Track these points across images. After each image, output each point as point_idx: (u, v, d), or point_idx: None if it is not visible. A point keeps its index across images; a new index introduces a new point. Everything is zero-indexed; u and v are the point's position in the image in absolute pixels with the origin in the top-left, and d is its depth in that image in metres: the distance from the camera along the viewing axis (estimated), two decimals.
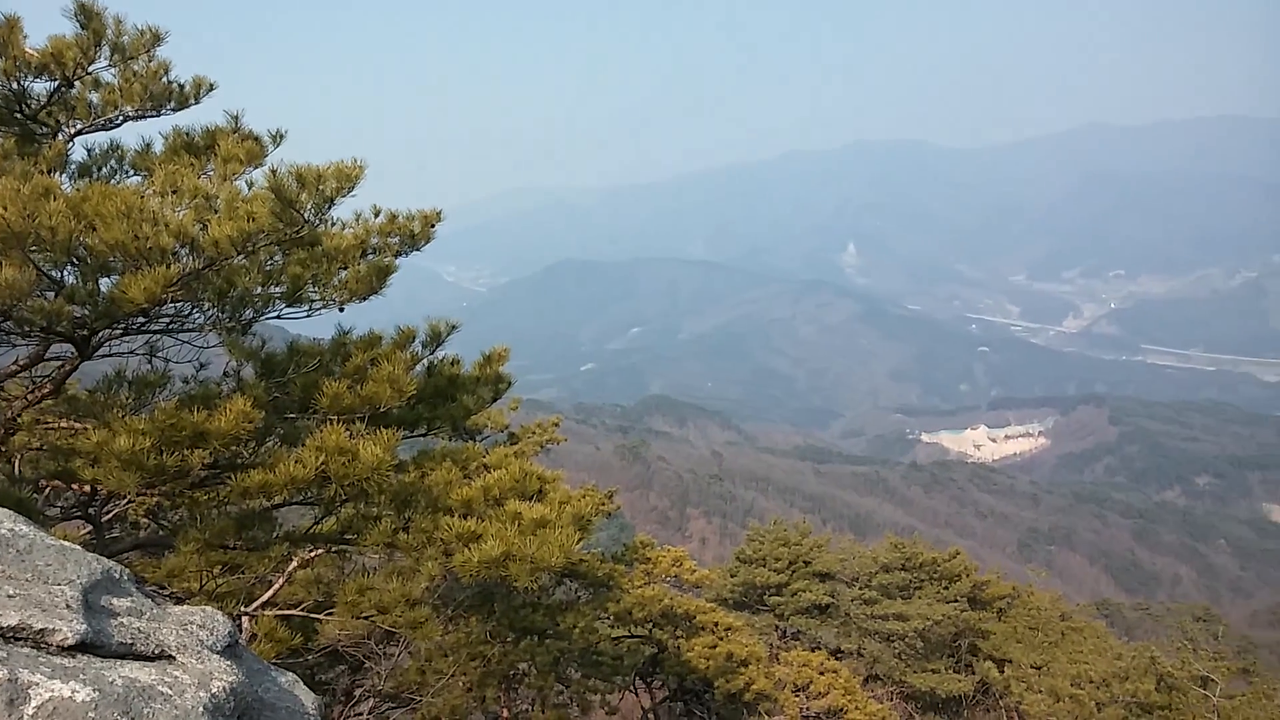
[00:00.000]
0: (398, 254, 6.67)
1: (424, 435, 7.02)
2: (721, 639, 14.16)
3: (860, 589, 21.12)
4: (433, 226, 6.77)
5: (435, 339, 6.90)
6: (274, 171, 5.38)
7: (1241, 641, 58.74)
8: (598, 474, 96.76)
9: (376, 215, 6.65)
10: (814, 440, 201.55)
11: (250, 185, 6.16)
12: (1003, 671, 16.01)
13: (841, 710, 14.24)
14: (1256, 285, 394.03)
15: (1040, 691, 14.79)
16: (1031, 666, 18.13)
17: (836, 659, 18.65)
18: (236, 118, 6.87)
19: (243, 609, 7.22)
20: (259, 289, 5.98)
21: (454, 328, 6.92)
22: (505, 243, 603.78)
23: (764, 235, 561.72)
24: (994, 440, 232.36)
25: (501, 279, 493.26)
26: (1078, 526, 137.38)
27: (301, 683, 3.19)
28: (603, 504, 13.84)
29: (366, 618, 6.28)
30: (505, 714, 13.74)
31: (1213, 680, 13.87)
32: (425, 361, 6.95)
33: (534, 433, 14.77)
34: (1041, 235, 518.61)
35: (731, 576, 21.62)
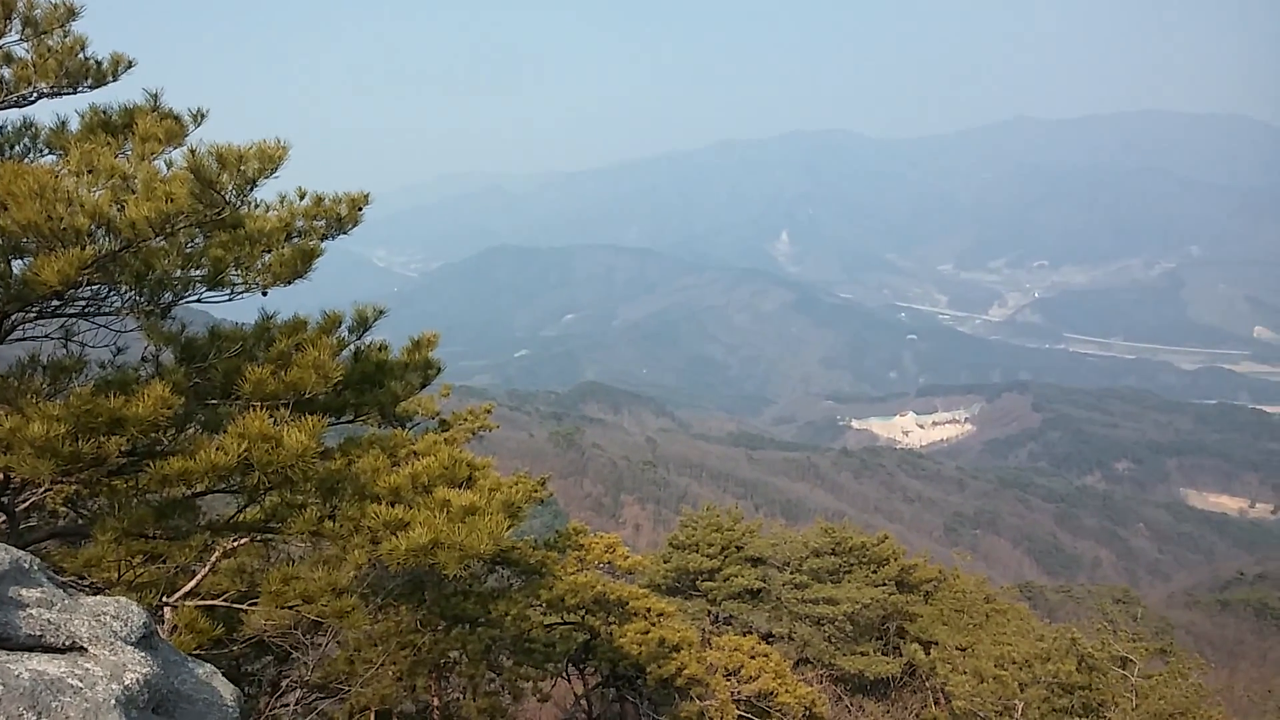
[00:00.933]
0: (324, 237, 6.54)
1: (351, 422, 6.92)
2: (654, 625, 14.22)
3: (791, 573, 21.36)
4: (360, 209, 6.66)
5: (362, 324, 6.79)
6: (193, 151, 5.24)
7: (1159, 623, 60.79)
8: (531, 461, 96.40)
9: (302, 198, 6.52)
10: (747, 427, 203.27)
11: (169, 165, 5.98)
12: (929, 653, 16.35)
13: (772, 693, 14.40)
14: (1175, 276, 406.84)
15: (965, 673, 15.09)
16: (957, 648, 18.51)
17: (768, 643, 18.85)
18: (156, 96, 6.68)
19: (165, 599, 7.05)
20: (179, 272, 5.83)
21: (381, 313, 6.82)
22: (439, 228, 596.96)
23: (699, 223, 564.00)
24: (922, 426, 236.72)
25: (434, 264, 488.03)
26: (1002, 511, 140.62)
27: (220, 674, 3.13)
28: (535, 491, 13.79)
29: (292, 607, 6.17)
30: (436, 703, 13.65)
31: (1131, 660, 14.26)
32: (352, 347, 6.84)
33: (466, 420, 14.64)
34: (969, 226, 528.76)
35: (665, 562, 21.71)
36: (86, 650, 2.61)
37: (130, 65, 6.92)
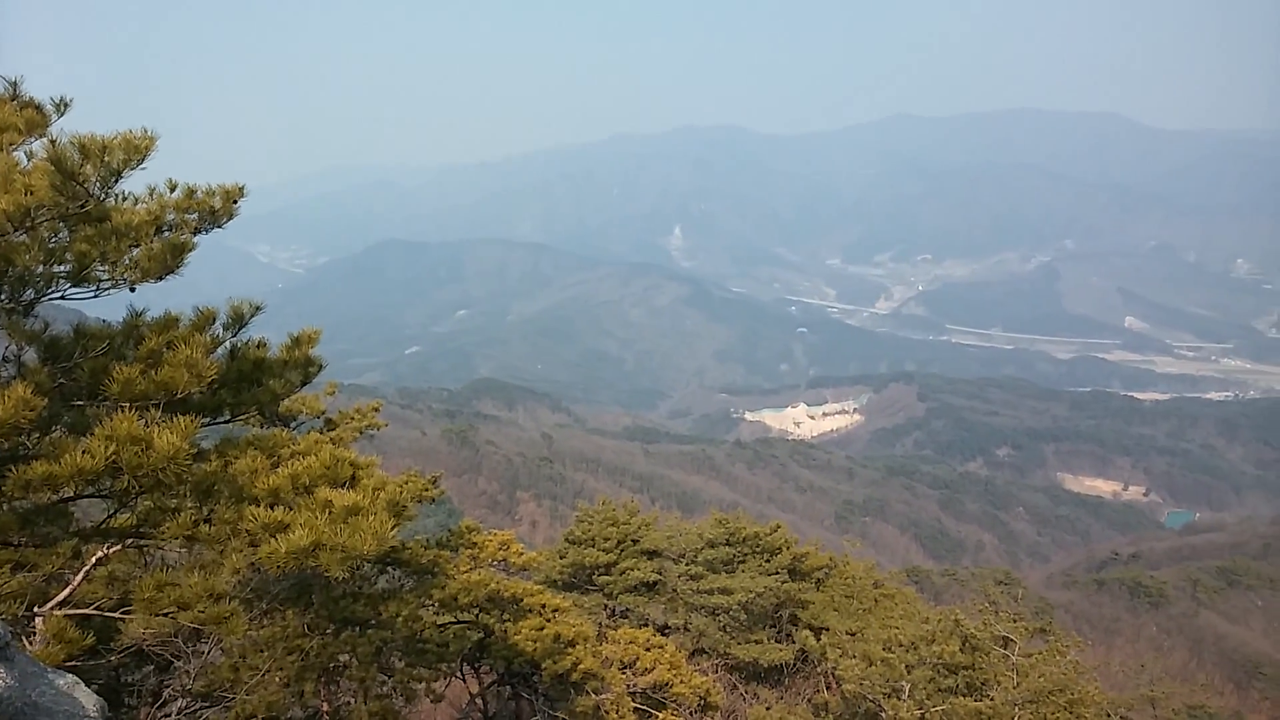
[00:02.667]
0: (197, 231, 6.32)
1: (228, 422, 6.70)
2: (549, 620, 14.19)
3: (687, 565, 21.56)
4: (235, 202, 6.45)
5: (238, 320, 6.58)
6: (54, 142, 5.01)
7: (1039, 603, 63.61)
8: (424, 459, 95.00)
9: (173, 190, 6.28)
10: (643, 421, 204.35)
11: (30, 157, 5.72)
12: (819, 639, 16.70)
13: (667, 684, 14.52)
14: (1050, 269, 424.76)
15: (854, 657, 15.43)
16: (847, 633, 18.92)
17: (663, 634, 19.00)
18: (15, 85, 6.35)
19: (35, 609, 6.73)
20: (41, 267, 5.57)
21: (258, 308, 6.62)
22: (324, 222, 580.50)
23: (593, 218, 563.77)
24: (813, 417, 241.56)
25: (321, 260, 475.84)
26: (890, 498, 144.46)
27: (83, 685, 3.00)
28: (425, 490, 13.61)
29: (168, 615, 5.96)
30: (326, 708, 13.36)
31: (1012, 640, 14.74)
32: (228, 344, 6.63)
33: (353, 418, 14.33)
34: (855, 221, 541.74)
35: (560, 558, 21.67)
36: None
37: None
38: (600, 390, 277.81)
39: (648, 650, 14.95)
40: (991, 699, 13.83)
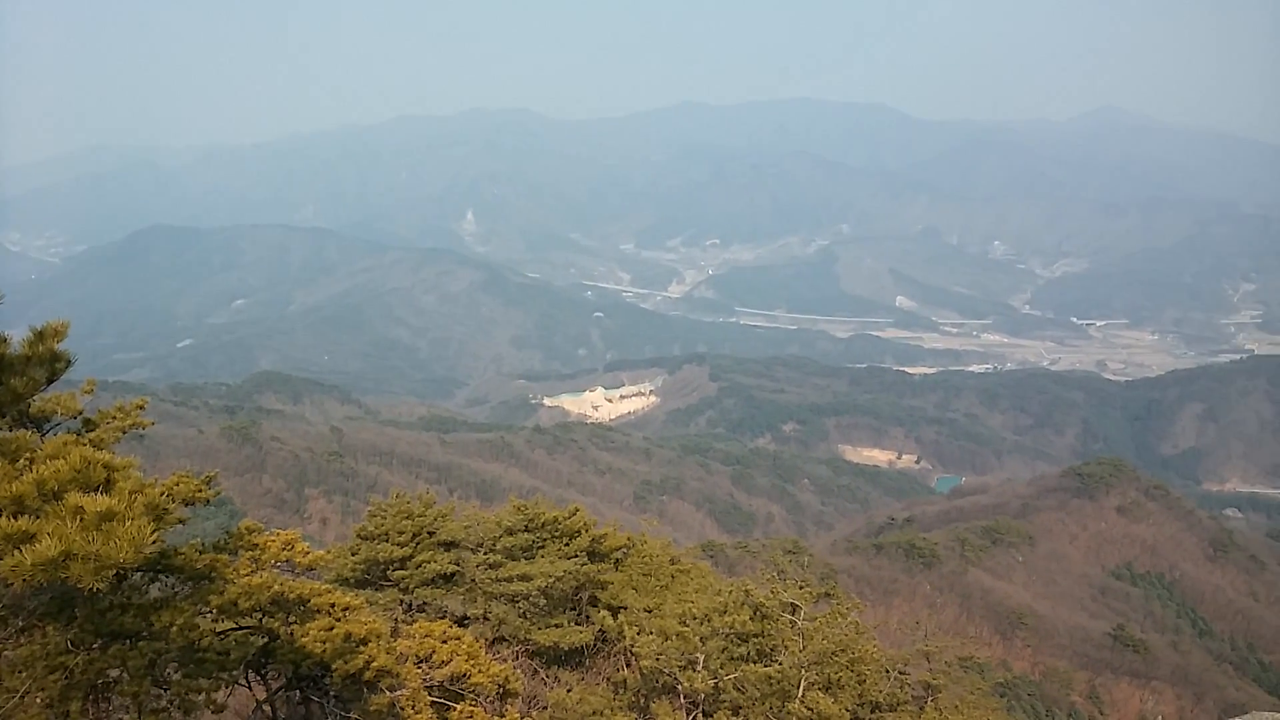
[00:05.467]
0: None
1: None
2: (339, 620, 13.65)
3: (485, 554, 21.31)
4: None
5: None
6: None
7: (824, 569, 67.06)
8: (201, 459, 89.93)
9: None
10: (439, 410, 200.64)
11: None
12: (617, 618, 16.91)
13: (465, 675, 14.30)
14: (828, 252, 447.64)
15: (651, 633, 15.69)
16: (644, 610, 19.23)
17: (463, 626, 18.71)
18: None
19: None
20: None
21: None
22: (81, 208, 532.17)
23: (379, 201, 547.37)
24: (610, 401, 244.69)
25: (79, 248, 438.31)
26: (685, 476, 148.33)
27: None
28: (199, 491, 12.74)
29: None
30: None
31: (798, 606, 15.36)
32: None
33: (115, 418, 13.21)
34: (646, 206, 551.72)
35: (352, 555, 20.93)
36: None
37: None
38: (393, 380, 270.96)
39: (444, 642, 14.67)
40: (780, 663, 14.40)
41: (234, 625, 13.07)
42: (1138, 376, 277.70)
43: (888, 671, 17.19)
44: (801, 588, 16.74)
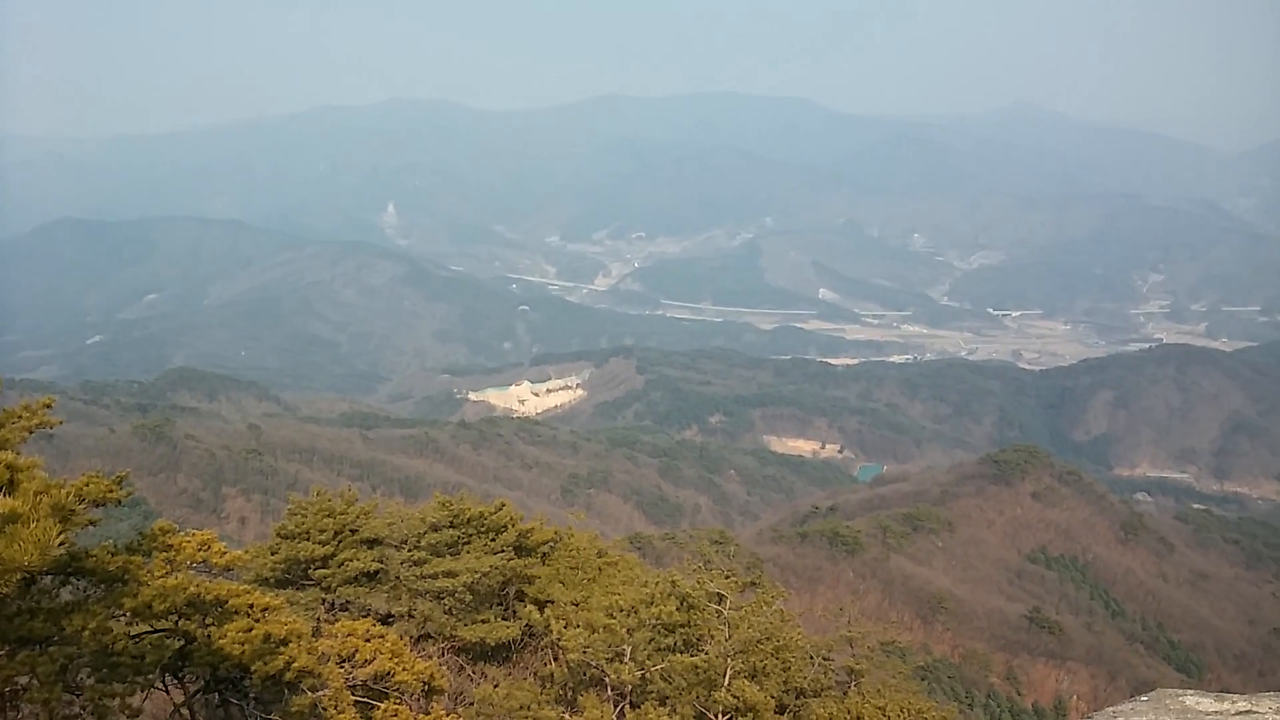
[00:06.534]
0: None
1: None
2: (258, 620, 13.35)
3: (410, 551, 21.06)
4: None
5: None
6: None
7: (750, 558, 67.74)
8: (113, 459, 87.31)
9: None
10: (361, 406, 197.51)
11: None
12: (543, 612, 16.86)
13: (389, 673, 14.11)
14: (753, 245, 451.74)
15: (578, 626, 15.68)
16: (571, 604, 19.22)
17: (387, 624, 18.48)
18: None
19: None
20: None
21: None
22: None
23: (297, 193, 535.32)
24: (537, 395, 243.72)
25: None
26: (613, 469, 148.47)
27: None
28: (110, 491, 12.33)
29: None
30: None
31: (724, 595, 15.48)
32: None
33: (20, 417, 12.71)
34: (571, 198, 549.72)
35: (272, 554, 20.50)
36: None
37: None
38: (313, 376, 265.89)
39: (368, 641, 14.45)
40: (706, 653, 14.51)
41: (149, 628, 12.70)
42: (1051, 366, 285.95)
43: (812, 658, 17.43)
44: (728, 577, 16.87)
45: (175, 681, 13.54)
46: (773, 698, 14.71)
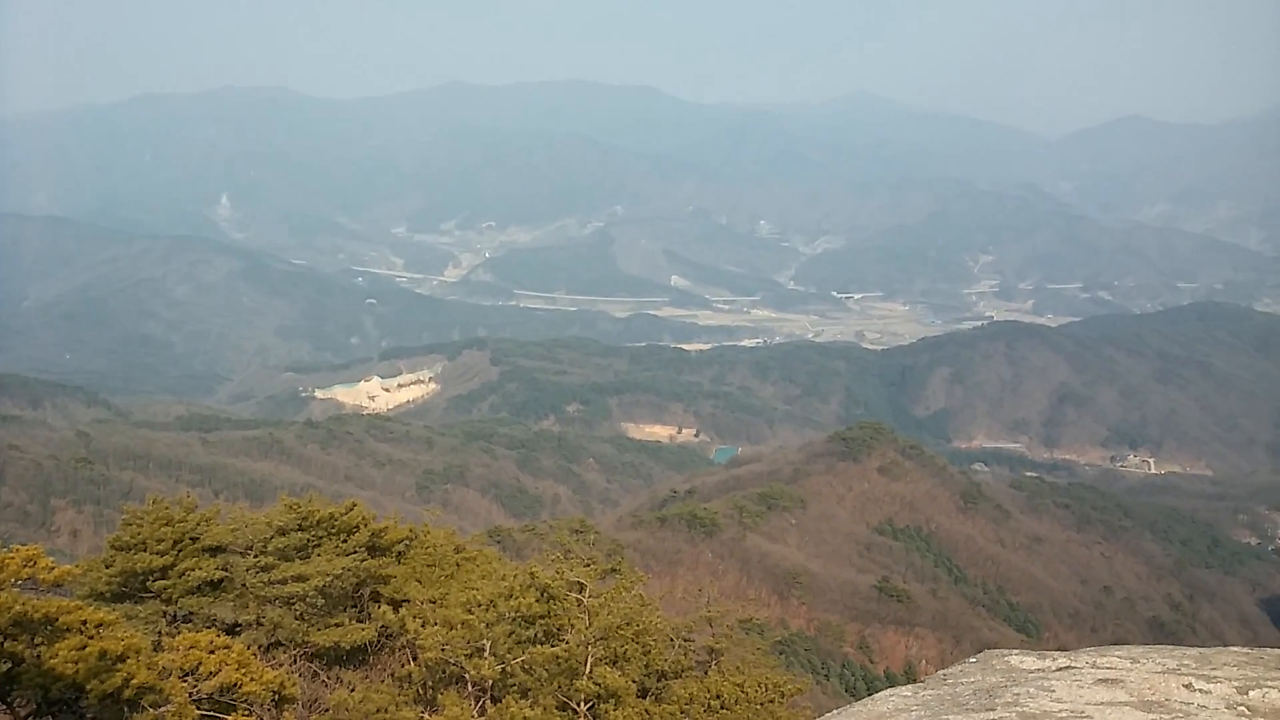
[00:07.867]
0: None
1: None
2: (92, 637, 12.67)
3: (256, 557, 20.34)
4: None
5: None
6: None
7: (611, 544, 68.22)
8: None
9: None
10: (199, 408, 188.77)
11: None
12: (399, 612, 16.61)
13: (236, 685, 13.64)
14: (605, 233, 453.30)
15: (435, 623, 15.52)
16: (429, 601, 18.96)
17: (233, 634, 17.84)
18: None
19: None
20: None
21: None
22: None
23: (121, 186, 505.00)
24: (388, 390, 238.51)
25: None
26: (470, 463, 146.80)
27: None
28: None
29: None
30: None
31: (584, 584, 15.58)
32: None
33: None
34: (416, 188, 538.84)
35: (107, 567, 19.45)
36: None
37: None
38: (145, 379, 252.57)
39: (212, 653, 13.92)
40: (566, 642, 14.59)
41: None
42: (892, 345, 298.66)
43: (673, 640, 17.73)
44: (587, 566, 16.98)
45: (4, 707, 12.77)
46: (634, 682, 14.91)
